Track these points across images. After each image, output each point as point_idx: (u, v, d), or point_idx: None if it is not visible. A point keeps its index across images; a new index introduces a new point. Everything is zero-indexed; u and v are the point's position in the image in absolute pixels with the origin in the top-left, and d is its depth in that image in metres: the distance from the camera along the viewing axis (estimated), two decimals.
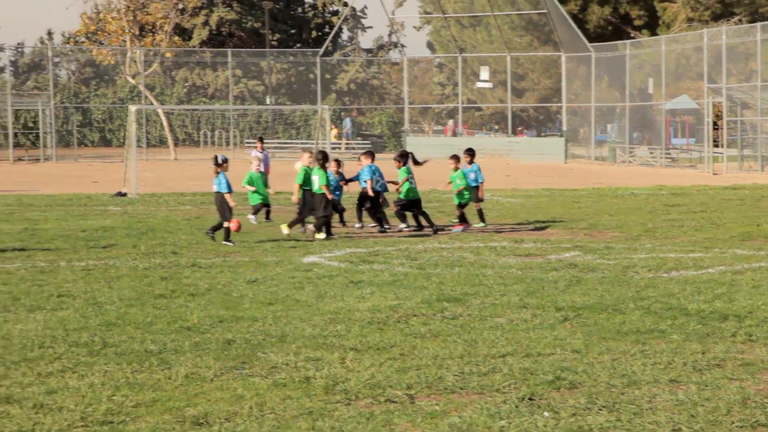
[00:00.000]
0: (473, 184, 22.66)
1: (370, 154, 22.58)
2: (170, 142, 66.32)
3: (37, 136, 64.94)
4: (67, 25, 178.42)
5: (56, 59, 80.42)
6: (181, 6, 71.08)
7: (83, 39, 76.63)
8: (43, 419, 8.00)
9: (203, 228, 21.81)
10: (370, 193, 21.93)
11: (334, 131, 68.19)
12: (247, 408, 8.30)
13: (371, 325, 11.53)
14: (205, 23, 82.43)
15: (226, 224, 19.41)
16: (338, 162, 22.95)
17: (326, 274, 15.35)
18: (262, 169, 23.46)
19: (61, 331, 11.12)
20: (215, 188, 19.72)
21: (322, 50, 68.88)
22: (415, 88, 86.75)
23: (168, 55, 70.66)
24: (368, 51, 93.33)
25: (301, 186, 20.36)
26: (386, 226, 21.88)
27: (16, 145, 63.47)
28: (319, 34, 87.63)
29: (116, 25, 66.98)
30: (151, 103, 67.24)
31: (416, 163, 22.40)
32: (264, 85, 78.25)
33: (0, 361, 9.80)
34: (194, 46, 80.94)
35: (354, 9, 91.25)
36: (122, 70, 68.73)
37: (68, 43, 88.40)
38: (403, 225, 21.69)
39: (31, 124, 70.78)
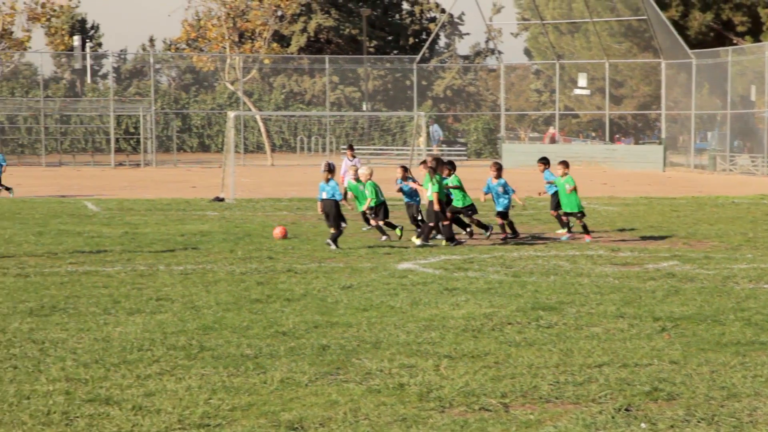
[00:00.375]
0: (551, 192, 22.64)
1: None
2: (267, 147, 66.91)
3: (138, 141, 65.99)
4: (169, 32, 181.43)
5: (157, 66, 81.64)
6: (279, 13, 71.68)
7: (184, 46, 77.69)
8: (142, 421, 8.11)
9: (299, 234, 21.97)
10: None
11: (421, 137, 68.51)
12: (342, 414, 8.33)
13: (465, 333, 11.49)
14: (303, 30, 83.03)
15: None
16: (405, 168, 22.72)
17: (421, 281, 15.34)
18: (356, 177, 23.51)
19: (159, 334, 11.26)
20: (324, 195, 19.70)
21: (419, 57, 68.94)
22: (512, 95, 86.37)
23: (266, 61, 71.30)
24: (465, 57, 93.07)
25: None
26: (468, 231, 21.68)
27: (118, 150, 64.54)
28: (416, 40, 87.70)
29: (216, 32, 67.78)
30: (249, 109, 67.90)
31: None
32: (360, 92, 78.57)
33: (100, 362, 9.96)
34: (292, 53, 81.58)
35: (451, 16, 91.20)
36: (221, 77, 69.53)
37: (169, 49, 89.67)
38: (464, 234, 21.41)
39: (132, 130, 71.94)
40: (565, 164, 22.04)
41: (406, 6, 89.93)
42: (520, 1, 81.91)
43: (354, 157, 31.24)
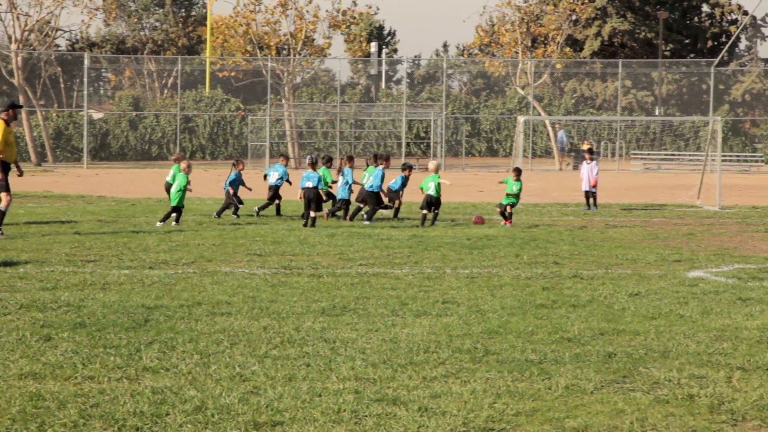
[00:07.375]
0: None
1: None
2: (555, 152, 66.64)
3: (428, 145, 67.06)
4: (462, 37, 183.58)
5: (450, 71, 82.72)
6: (574, 17, 71.28)
7: (476, 51, 78.41)
8: (427, 422, 8.21)
9: (585, 239, 21.74)
10: None
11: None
12: (628, 423, 8.17)
13: (760, 344, 11.06)
14: (597, 34, 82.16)
15: None
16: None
17: (712, 290, 14.88)
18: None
19: (445, 337, 11.37)
20: (309, 184, 23.29)
21: (717, 60, 67.05)
22: None
23: (558, 66, 71.06)
24: (766, 61, 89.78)
25: None
26: None
27: (408, 154, 65.80)
28: (715, 43, 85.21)
29: (509, 37, 68.09)
30: (539, 114, 67.82)
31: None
32: (653, 96, 77.11)
33: (388, 363, 10.14)
34: (585, 57, 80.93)
35: (754, 18, 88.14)
36: (512, 81, 69.78)
37: (462, 55, 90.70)
38: None
39: (422, 134, 73.17)
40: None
41: (705, 8, 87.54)
42: None
43: (592, 160, 31.49)
